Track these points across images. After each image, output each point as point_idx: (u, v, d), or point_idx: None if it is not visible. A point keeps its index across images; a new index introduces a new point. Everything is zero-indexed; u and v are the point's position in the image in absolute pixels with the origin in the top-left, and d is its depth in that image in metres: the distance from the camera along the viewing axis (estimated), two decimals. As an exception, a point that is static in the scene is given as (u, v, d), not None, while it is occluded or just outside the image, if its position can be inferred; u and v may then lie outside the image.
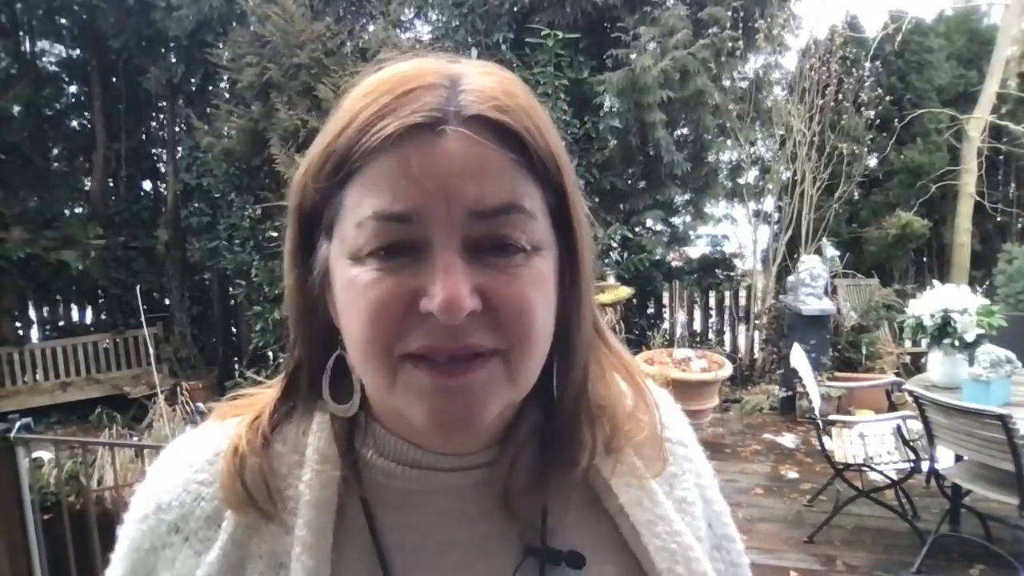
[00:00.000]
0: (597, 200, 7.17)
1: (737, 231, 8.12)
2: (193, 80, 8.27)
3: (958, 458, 3.41)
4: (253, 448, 0.52)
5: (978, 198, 7.73)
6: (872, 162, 8.18)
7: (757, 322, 7.06)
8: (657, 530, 0.54)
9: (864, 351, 6.02)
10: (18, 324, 8.05)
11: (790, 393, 5.72)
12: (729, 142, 7.64)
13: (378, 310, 0.43)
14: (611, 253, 7.22)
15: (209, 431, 0.56)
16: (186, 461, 0.54)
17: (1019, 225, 8.44)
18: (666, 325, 7.39)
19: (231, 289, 8.17)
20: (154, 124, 9.22)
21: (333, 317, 0.49)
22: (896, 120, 7.62)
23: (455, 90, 0.44)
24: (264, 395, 0.56)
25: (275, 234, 7.58)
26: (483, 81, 0.45)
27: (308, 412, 0.53)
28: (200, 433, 0.56)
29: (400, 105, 0.43)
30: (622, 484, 0.55)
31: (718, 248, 8.21)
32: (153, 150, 9.27)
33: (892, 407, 4.20)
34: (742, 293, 7.64)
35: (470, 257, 0.43)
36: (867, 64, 7.34)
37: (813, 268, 5.77)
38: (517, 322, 0.44)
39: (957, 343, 3.55)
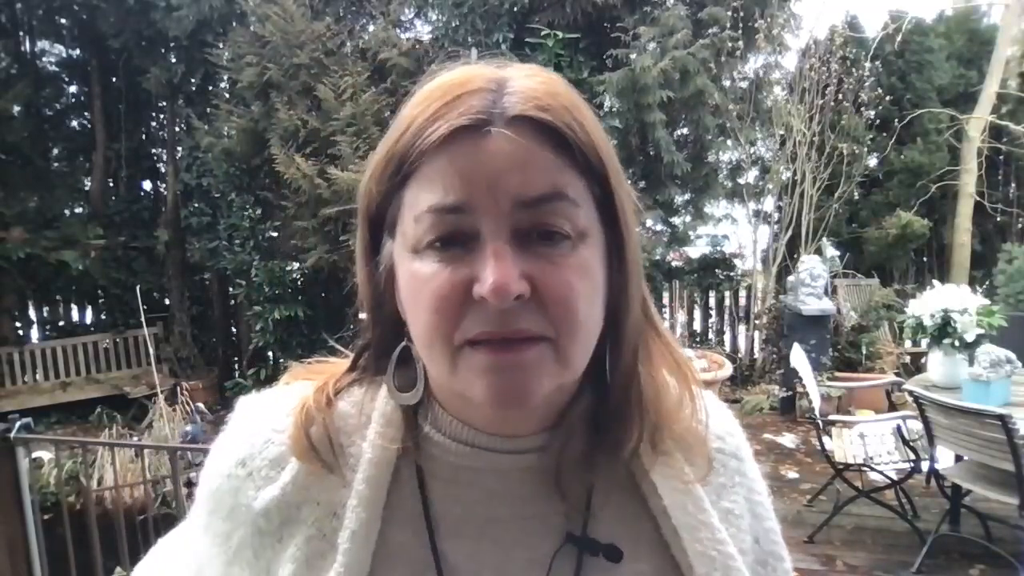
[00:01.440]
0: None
1: (737, 231, 8.14)
2: (193, 80, 8.27)
3: (958, 458, 3.41)
4: (320, 407, 0.56)
5: (978, 198, 7.73)
6: (872, 162, 8.19)
7: (757, 322, 7.06)
8: (699, 535, 0.54)
9: (864, 351, 6.02)
10: (18, 324, 8.05)
11: (790, 393, 5.72)
12: (729, 142, 7.65)
13: (438, 299, 0.47)
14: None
15: (283, 390, 0.61)
16: (259, 412, 0.60)
17: (1019, 225, 8.44)
18: (666, 325, 7.38)
19: (231, 289, 8.17)
20: (154, 124, 9.22)
21: (399, 309, 0.53)
22: (896, 120, 7.62)
23: (500, 93, 0.48)
24: (335, 365, 0.61)
25: (275, 234, 7.59)
26: (527, 83, 0.49)
27: (377, 382, 0.58)
28: (275, 391, 0.62)
29: (450, 110, 0.47)
30: (668, 487, 0.56)
31: (718, 248, 8.22)
32: (153, 150, 9.27)
33: (892, 407, 4.20)
34: (742, 293, 7.65)
35: (518, 245, 0.46)
36: (867, 64, 7.34)
37: (813, 268, 5.77)
38: (562, 309, 0.47)
39: (957, 343, 3.55)
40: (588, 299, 0.48)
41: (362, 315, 0.57)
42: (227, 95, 7.96)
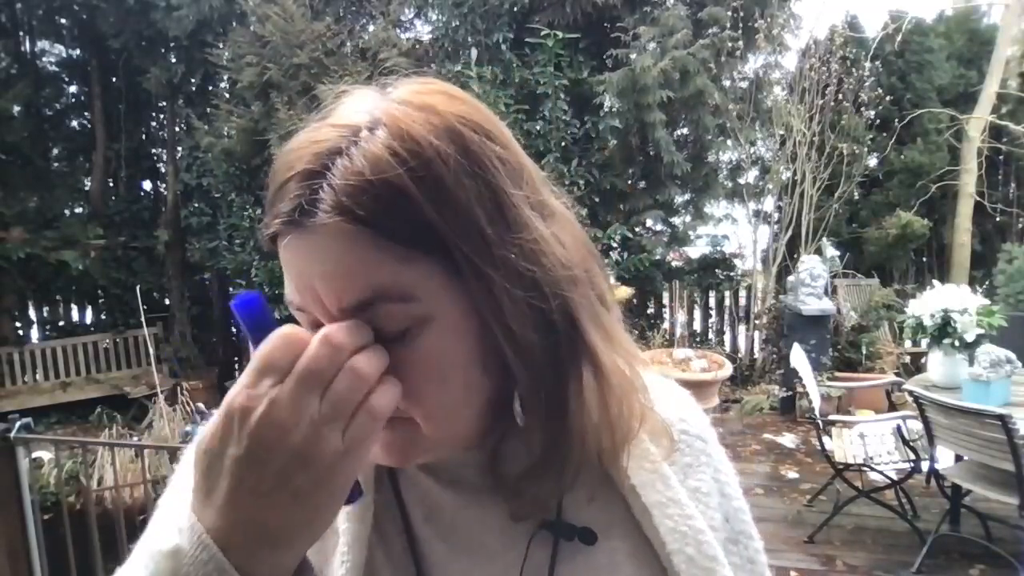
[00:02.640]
0: (597, 200, 7.18)
1: (737, 231, 8.13)
2: (193, 80, 8.27)
3: (958, 458, 3.41)
4: None
5: (978, 198, 7.73)
6: (872, 162, 8.18)
7: (757, 322, 7.05)
8: (669, 511, 0.55)
9: (864, 351, 6.02)
10: (18, 324, 8.05)
11: (790, 393, 5.72)
12: (729, 142, 7.64)
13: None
14: (611, 253, 7.22)
15: None
16: None
17: (1019, 225, 8.44)
18: (666, 325, 7.39)
19: (231, 289, 8.16)
20: (154, 124, 9.22)
21: None
22: (896, 120, 7.62)
23: (326, 177, 0.43)
24: None
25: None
26: (364, 150, 0.43)
27: None
28: None
29: (276, 199, 0.45)
30: (635, 466, 0.56)
31: (718, 248, 8.21)
32: (153, 150, 9.26)
33: (892, 407, 4.20)
34: (742, 293, 7.65)
35: None
36: (867, 64, 7.34)
37: (813, 268, 5.77)
38: (414, 405, 0.47)
39: (957, 343, 3.55)
40: (437, 386, 0.46)
41: None
42: (227, 95, 7.96)
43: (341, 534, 0.53)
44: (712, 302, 7.68)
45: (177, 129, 8.59)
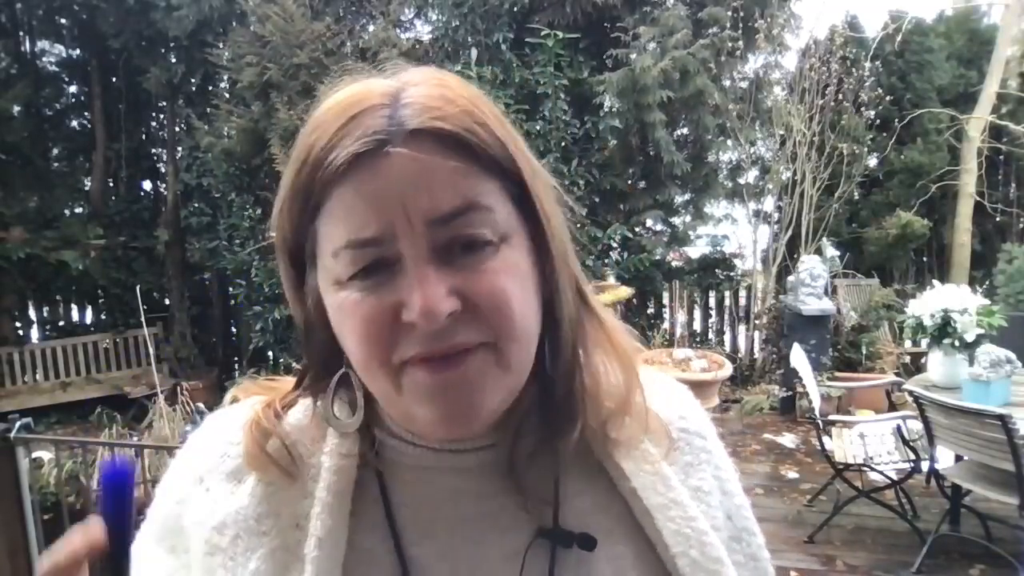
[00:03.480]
0: (597, 200, 7.18)
1: (737, 231, 8.13)
2: (193, 80, 8.27)
3: (958, 458, 3.41)
4: (269, 420, 0.56)
5: (978, 198, 7.73)
6: (872, 162, 8.18)
7: (757, 322, 7.05)
8: (671, 514, 0.54)
9: (864, 351, 6.02)
10: (18, 324, 8.04)
11: (790, 393, 5.72)
12: (729, 142, 7.64)
13: (366, 329, 0.46)
14: (611, 253, 7.22)
15: (241, 406, 0.60)
16: (216, 426, 0.60)
17: (1019, 225, 8.44)
18: (666, 325, 7.39)
19: (231, 289, 8.16)
20: (154, 124, 9.22)
21: (335, 335, 0.52)
22: (896, 120, 7.62)
23: (396, 107, 0.46)
24: (284, 382, 0.60)
25: (275, 234, 7.58)
26: (421, 91, 0.47)
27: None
28: (231, 407, 0.61)
29: (346, 134, 0.45)
30: (636, 469, 0.56)
31: (718, 248, 8.21)
32: (153, 150, 9.26)
33: (892, 407, 4.20)
34: (742, 293, 7.65)
35: (441, 261, 0.45)
36: (867, 64, 7.34)
37: (813, 268, 5.77)
38: (498, 313, 0.46)
39: (957, 343, 3.55)
40: (521, 299, 0.48)
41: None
42: (227, 95, 7.95)
43: (308, 563, 0.50)
44: (712, 302, 7.68)
45: (177, 129, 8.59)
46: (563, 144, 6.70)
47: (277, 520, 0.52)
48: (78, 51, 8.62)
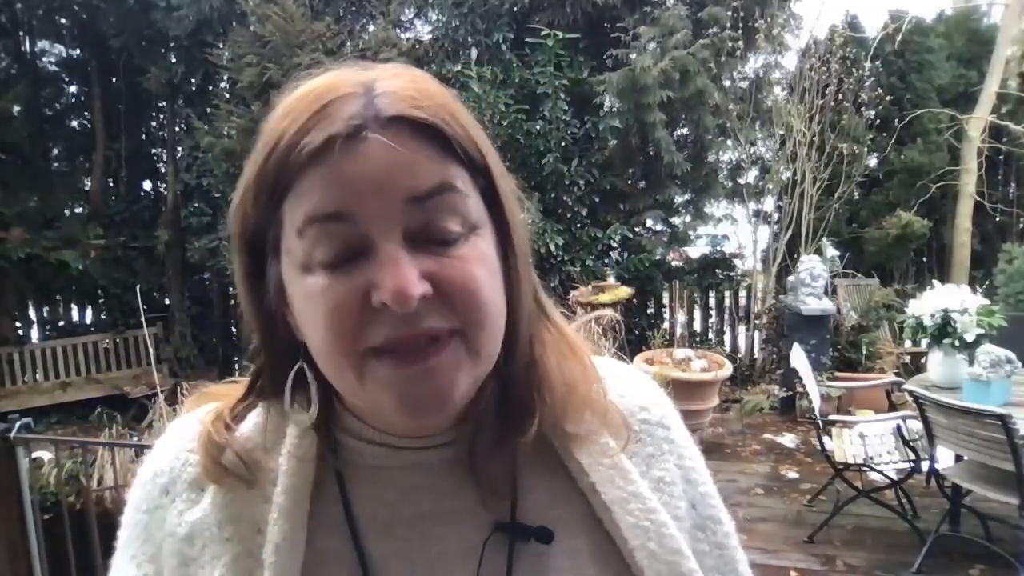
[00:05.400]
0: (597, 200, 7.18)
1: (737, 231, 8.12)
2: (193, 80, 8.28)
3: (958, 458, 3.41)
4: (218, 431, 0.55)
5: (978, 198, 7.73)
6: (872, 162, 8.18)
7: (757, 322, 7.05)
8: (630, 507, 0.54)
9: (864, 351, 6.02)
10: (18, 324, 8.05)
11: (790, 393, 5.72)
12: (729, 142, 7.64)
13: (337, 313, 0.45)
14: (611, 253, 7.22)
15: (202, 412, 0.59)
16: (179, 434, 0.59)
17: (1019, 225, 8.44)
18: (666, 325, 7.39)
19: (231, 289, 8.17)
20: (154, 124, 9.22)
21: (293, 331, 0.51)
22: (896, 120, 7.61)
23: (371, 96, 0.46)
24: (233, 390, 0.59)
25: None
26: (396, 83, 0.48)
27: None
28: (195, 413, 0.61)
29: (321, 119, 0.45)
30: (594, 463, 0.56)
31: (718, 248, 8.21)
32: (153, 150, 9.27)
33: (892, 407, 4.20)
34: (742, 293, 7.64)
35: (412, 247, 0.45)
36: (867, 64, 7.34)
37: (813, 268, 5.77)
38: (468, 300, 0.46)
39: (957, 343, 3.55)
40: (490, 287, 0.48)
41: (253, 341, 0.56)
42: (227, 95, 7.96)
43: (267, 569, 0.50)
44: (712, 302, 7.67)
45: (177, 129, 8.59)
46: (563, 144, 6.70)
47: (238, 526, 0.52)
48: (78, 51, 8.63)
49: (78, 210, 8.72)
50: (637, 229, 7.45)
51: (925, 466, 3.38)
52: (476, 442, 0.53)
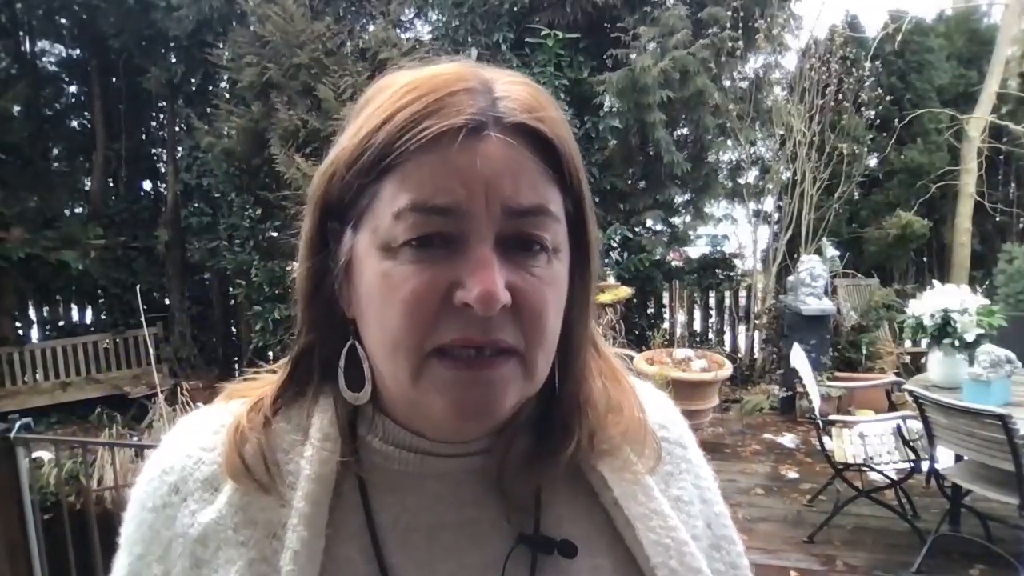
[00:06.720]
0: (597, 200, 7.17)
1: (737, 231, 8.13)
2: (193, 80, 8.27)
3: (958, 458, 3.41)
4: (254, 426, 0.54)
5: (978, 198, 7.73)
6: (872, 162, 8.18)
7: (757, 322, 7.06)
8: (651, 524, 0.54)
9: (864, 351, 6.02)
10: (18, 324, 8.04)
11: (790, 393, 5.72)
12: (729, 142, 7.64)
13: (415, 302, 0.45)
14: (611, 253, 7.22)
15: (216, 408, 0.58)
16: (191, 431, 0.57)
17: (1019, 225, 8.44)
18: (666, 325, 7.39)
19: (231, 289, 8.16)
20: (154, 124, 9.22)
21: (346, 307, 0.51)
22: (896, 120, 7.61)
23: (491, 95, 0.47)
24: (269, 379, 0.58)
25: (275, 234, 7.60)
26: (516, 89, 0.48)
27: (314, 394, 0.55)
28: (208, 409, 0.59)
29: (444, 106, 0.45)
30: (617, 478, 0.56)
31: (718, 248, 8.22)
32: (153, 150, 9.26)
33: (892, 407, 4.20)
34: (742, 293, 7.65)
35: (500, 253, 0.45)
36: (867, 64, 7.34)
37: (813, 268, 5.77)
38: (536, 321, 0.47)
39: (957, 343, 3.55)
40: (556, 312, 0.49)
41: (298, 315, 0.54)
42: (227, 95, 7.95)
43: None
44: (712, 302, 7.68)
45: (177, 129, 8.59)
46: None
47: (254, 530, 0.51)
48: (78, 51, 8.62)
49: (78, 210, 8.71)
50: (637, 229, 7.45)
51: (925, 466, 3.38)
52: (508, 456, 0.53)
